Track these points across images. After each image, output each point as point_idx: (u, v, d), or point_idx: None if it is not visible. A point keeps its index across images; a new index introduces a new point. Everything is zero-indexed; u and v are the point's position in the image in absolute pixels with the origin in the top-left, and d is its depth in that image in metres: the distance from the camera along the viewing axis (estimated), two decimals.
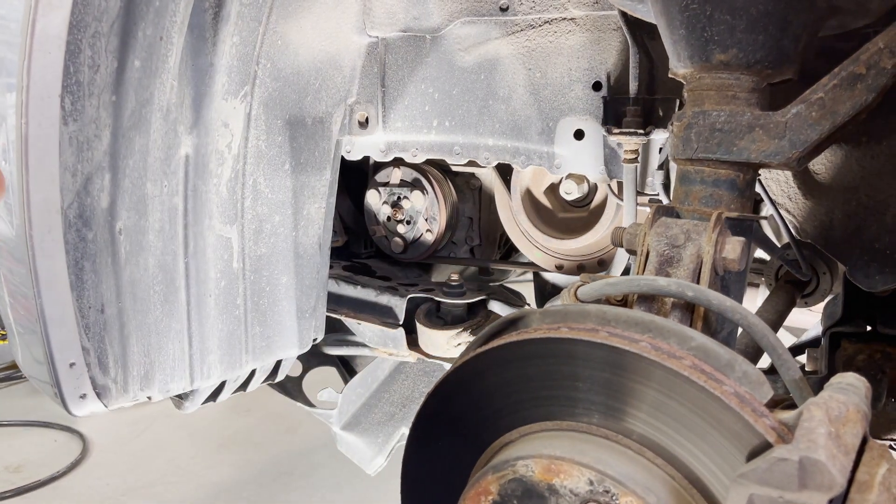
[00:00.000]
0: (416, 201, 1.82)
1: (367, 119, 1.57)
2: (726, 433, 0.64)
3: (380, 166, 1.88)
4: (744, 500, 0.57)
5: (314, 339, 1.57)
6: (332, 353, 2.03)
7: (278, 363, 1.56)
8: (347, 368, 2.19)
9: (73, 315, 1.05)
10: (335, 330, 1.90)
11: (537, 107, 1.43)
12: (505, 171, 1.72)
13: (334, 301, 1.80)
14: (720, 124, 0.93)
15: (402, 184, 1.83)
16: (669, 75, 1.04)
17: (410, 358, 1.82)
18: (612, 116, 1.36)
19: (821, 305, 1.64)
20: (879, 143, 1.14)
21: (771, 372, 1.02)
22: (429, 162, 1.69)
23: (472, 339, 1.54)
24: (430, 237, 1.85)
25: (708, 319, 0.85)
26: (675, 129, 0.99)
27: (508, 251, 2.08)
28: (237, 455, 3.61)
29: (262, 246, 1.39)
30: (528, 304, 1.91)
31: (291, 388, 2.06)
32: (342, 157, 1.60)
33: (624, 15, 1.25)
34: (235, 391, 1.52)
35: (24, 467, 3.54)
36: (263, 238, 1.39)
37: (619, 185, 1.46)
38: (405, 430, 2.10)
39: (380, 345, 1.82)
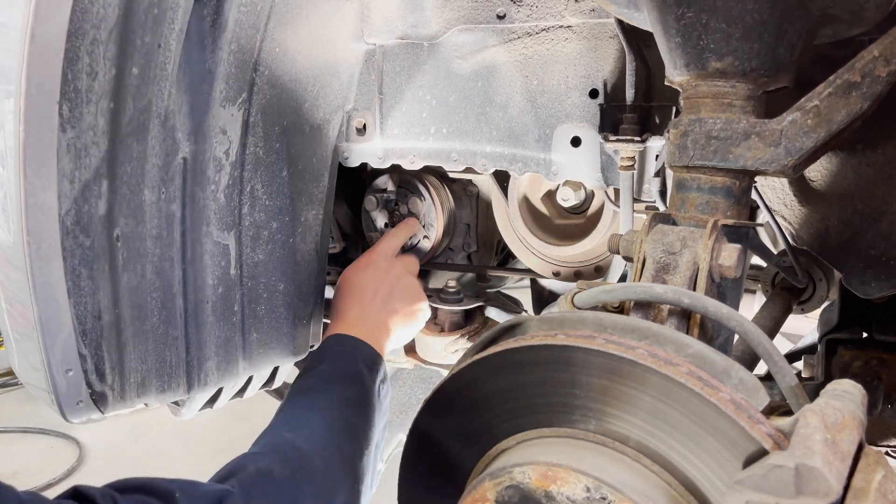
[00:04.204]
0: (413, 208, 1.82)
1: (364, 126, 1.57)
2: (723, 440, 0.65)
3: (377, 173, 1.88)
4: None
5: (311, 346, 1.57)
6: None
7: (275, 369, 1.56)
8: None
9: (70, 322, 1.05)
10: None
11: (534, 114, 1.44)
12: (502, 178, 1.73)
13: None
14: (716, 132, 0.94)
15: (399, 190, 1.84)
16: (665, 83, 1.04)
17: (408, 364, 1.82)
18: (609, 124, 1.36)
19: (817, 312, 1.65)
20: (875, 151, 1.14)
21: (767, 379, 1.02)
22: (426, 169, 1.70)
23: (469, 345, 1.54)
24: (427, 244, 1.85)
25: (704, 326, 0.85)
26: (671, 137, 0.99)
27: (506, 258, 2.08)
28: None
29: (260, 253, 1.39)
30: (526, 311, 1.91)
31: None
32: (340, 163, 1.60)
33: (620, 23, 1.26)
34: (232, 398, 1.51)
35: (20, 474, 3.53)
36: (261, 245, 1.39)
37: (616, 192, 1.46)
38: (402, 437, 2.09)
39: None
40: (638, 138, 1.30)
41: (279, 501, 1.02)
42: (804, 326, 1.96)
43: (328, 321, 1.53)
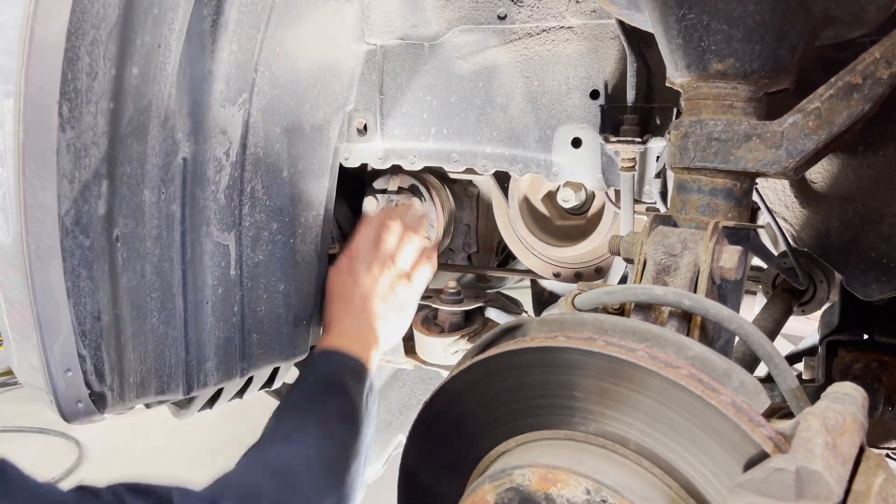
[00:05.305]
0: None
1: (365, 126, 1.57)
2: (723, 443, 0.64)
3: (377, 173, 1.88)
4: None
5: (311, 347, 1.57)
6: None
7: (275, 370, 1.55)
8: None
9: (70, 322, 1.04)
10: None
11: (535, 115, 1.44)
12: (503, 179, 1.73)
13: None
14: (717, 133, 0.93)
15: (400, 191, 1.83)
16: (667, 84, 1.04)
17: (408, 365, 1.82)
18: (610, 125, 1.36)
19: (818, 313, 1.64)
20: (876, 153, 1.14)
21: (768, 381, 1.02)
22: (427, 169, 1.69)
23: (469, 346, 1.54)
24: (427, 244, 1.85)
25: (705, 328, 0.85)
26: (672, 138, 0.99)
27: (506, 258, 2.08)
28: (233, 461, 3.59)
29: (260, 253, 1.39)
30: (526, 312, 1.91)
31: None
32: (340, 164, 1.60)
33: (621, 24, 1.26)
34: (232, 398, 1.51)
35: None
36: (261, 245, 1.39)
37: (617, 193, 1.46)
38: (402, 438, 2.09)
39: None
40: (639, 139, 1.30)
41: None
42: (805, 328, 1.96)
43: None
